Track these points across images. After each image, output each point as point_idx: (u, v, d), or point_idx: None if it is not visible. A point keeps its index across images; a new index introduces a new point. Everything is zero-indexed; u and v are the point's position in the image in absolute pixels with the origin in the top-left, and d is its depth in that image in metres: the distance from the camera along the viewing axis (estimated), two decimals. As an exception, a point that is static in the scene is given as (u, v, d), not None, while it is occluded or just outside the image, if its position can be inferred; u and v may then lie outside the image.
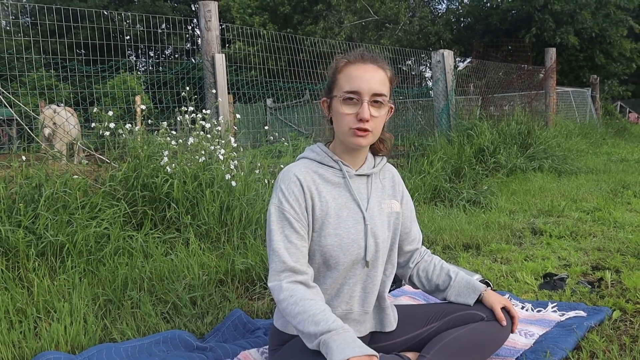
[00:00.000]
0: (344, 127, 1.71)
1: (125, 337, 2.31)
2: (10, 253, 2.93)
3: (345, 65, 1.73)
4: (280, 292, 1.62)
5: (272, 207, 1.71)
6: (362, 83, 1.68)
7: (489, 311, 1.85)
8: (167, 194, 3.60)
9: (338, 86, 1.73)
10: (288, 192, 1.71)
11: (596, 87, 15.60)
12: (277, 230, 1.68)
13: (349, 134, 1.71)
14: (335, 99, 1.73)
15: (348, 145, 1.76)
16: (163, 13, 26.77)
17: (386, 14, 20.94)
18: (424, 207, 4.85)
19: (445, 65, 7.42)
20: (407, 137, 7.27)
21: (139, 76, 8.65)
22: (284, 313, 1.60)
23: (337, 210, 1.74)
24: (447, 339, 1.78)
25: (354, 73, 1.70)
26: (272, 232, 1.69)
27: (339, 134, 1.76)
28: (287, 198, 1.70)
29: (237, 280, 2.98)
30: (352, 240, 1.74)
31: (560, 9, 17.55)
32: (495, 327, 1.83)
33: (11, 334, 2.25)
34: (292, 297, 1.59)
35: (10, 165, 3.50)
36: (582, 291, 2.73)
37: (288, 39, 6.39)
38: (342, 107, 1.70)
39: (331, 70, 1.77)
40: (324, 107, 1.81)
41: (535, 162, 7.10)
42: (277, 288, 1.63)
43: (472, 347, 1.79)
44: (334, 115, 1.76)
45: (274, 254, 1.66)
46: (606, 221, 4.18)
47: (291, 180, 1.72)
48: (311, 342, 1.54)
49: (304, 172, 1.75)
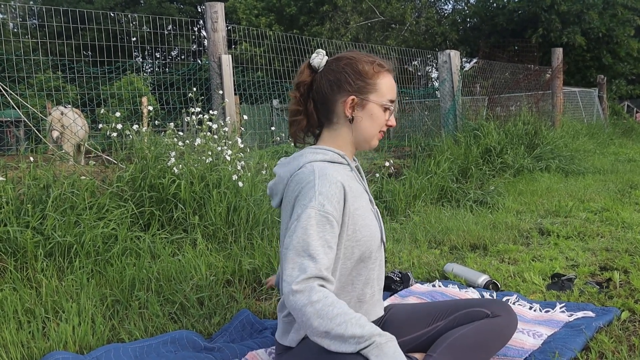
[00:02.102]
0: (374, 130, 1.81)
1: (133, 338, 2.32)
2: (18, 254, 2.94)
3: (385, 72, 1.81)
4: (313, 292, 1.50)
5: (312, 211, 1.60)
6: (395, 93, 1.83)
7: (494, 308, 1.85)
8: (174, 194, 3.61)
9: (379, 92, 1.79)
10: (331, 195, 1.64)
11: (603, 87, 15.54)
12: (317, 235, 1.59)
13: (375, 137, 1.83)
14: (373, 103, 1.79)
15: (367, 147, 1.86)
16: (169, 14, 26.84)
17: (392, 14, 20.94)
18: (431, 208, 4.84)
19: (451, 66, 7.41)
20: (414, 138, 7.27)
21: (146, 77, 8.68)
22: (317, 314, 1.48)
23: (361, 202, 1.77)
24: (453, 337, 1.78)
25: (392, 83, 1.83)
26: (310, 236, 1.57)
27: (363, 135, 1.82)
28: (331, 200, 1.63)
29: (244, 280, 2.98)
30: (374, 225, 1.81)
31: (567, 9, 17.50)
32: (500, 324, 1.83)
33: (20, 334, 2.25)
34: (327, 298, 1.50)
35: (19, 166, 3.52)
36: (590, 292, 2.71)
37: (294, 39, 6.39)
38: (383, 112, 1.81)
39: (365, 72, 1.78)
40: (347, 104, 1.78)
41: (542, 162, 7.08)
42: (309, 289, 1.51)
43: (478, 344, 1.79)
44: (365, 117, 1.79)
45: (310, 259, 1.55)
46: (614, 221, 4.16)
47: (332, 182, 1.65)
48: (352, 343, 1.47)
49: (333, 172, 1.70)
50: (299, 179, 1.68)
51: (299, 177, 1.69)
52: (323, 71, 1.82)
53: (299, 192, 1.66)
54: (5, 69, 4.46)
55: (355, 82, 1.77)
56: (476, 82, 8.89)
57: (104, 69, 5.43)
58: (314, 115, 1.84)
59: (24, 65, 4.55)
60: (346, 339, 1.46)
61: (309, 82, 1.84)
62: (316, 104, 1.83)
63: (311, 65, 1.83)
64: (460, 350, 1.76)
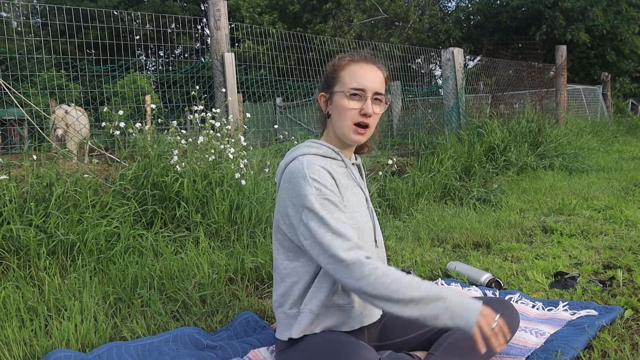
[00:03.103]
0: (347, 121, 1.81)
1: (135, 336, 2.32)
2: (21, 252, 2.95)
3: (349, 63, 1.83)
4: (362, 266, 1.56)
5: (312, 198, 1.66)
6: (366, 81, 1.79)
7: (496, 306, 1.84)
8: (177, 192, 3.61)
9: (342, 82, 1.81)
10: (323, 180, 1.70)
11: (607, 85, 15.49)
12: (328, 216, 1.65)
13: (349, 130, 1.81)
14: (338, 94, 1.81)
15: (346, 140, 1.85)
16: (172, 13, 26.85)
17: (395, 12, 20.90)
18: (434, 206, 4.84)
19: (455, 64, 7.39)
20: (417, 136, 7.25)
21: (149, 75, 8.69)
22: (373, 286, 1.53)
23: (350, 196, 1.82)
24: (454, 335, 1.78)
25: (359, 72, 1.80)
26: (322, 219, 1.64)
27: (338, 129, 1.84)
28: (325, 184, 1.70)
29: (246, 278, 2.98)
30: (364, 222, 1.84)
31: (570, 6, 17.44)
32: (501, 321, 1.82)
33: (22, 332, 2.26)
34: (377, 269, 1.55)
35: (22, 165, 3.52)
36: (593, 290, 2.71)
37: (297, 37, 6.38)
38: (348, 102, 1.79)
39: (331, 67, 1.86)
40: (321, 102, 1.87)
41: (545, 160, 7.06)
42: (359, 263, 1.56)
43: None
44: (334, 110, 1.84)
45: (334, 236, 1.62)
46: (618, 219, 4.15)
47: (319, 170, 1.71)
48: (412, 306, 1.52)
49: (322, 163, 1.75)
50: (291, 170, 1.74)
51: (291, 168, 1.75)
52: None
53: (294, 184, 1.71)
54: (9, 68, 4.46)
55: (325, 79, 1.87)
56: (480, 79, 8.87)
57: (107, 67, 5.43)
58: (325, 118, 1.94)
59: (27, 64, 4.55)
60: (407, 302, 1.52)
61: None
62: None
63: None
64: (461, 349, 1.76)
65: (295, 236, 1.75)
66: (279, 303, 1.84)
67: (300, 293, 1.77)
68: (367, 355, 1.54)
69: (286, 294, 1.80)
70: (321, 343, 1.68)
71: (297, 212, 1.70)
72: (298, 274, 1.78)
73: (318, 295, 1.75)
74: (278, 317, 1.85)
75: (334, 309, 1.77)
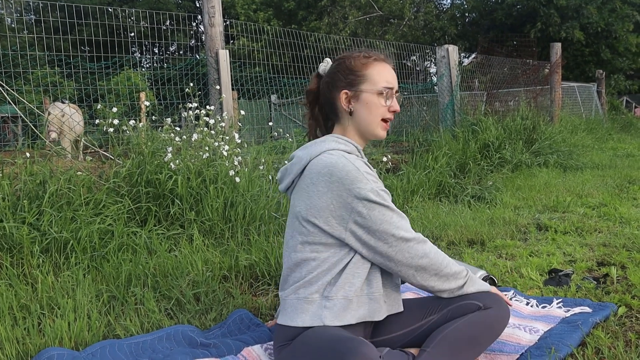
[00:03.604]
0: (376, 118, 1.90)
1: (129, 334, 2.31)
2: (14, 249, 2.93)
3: (373, 62, 1.91)
4: (425, 243, 1.80)
5: (370, 190, 1.74)
6: (392, 80, 1.93)
7: (486, 300, 1.85)
8: (171, 190, 3.60)
9: (370, 80, 1.89)
10: (374, 173, 1.82)
11: (602, 82, 15.54)
12: (388, 203, 1.78)
13: (378, 126, 1.92)
14: (367, 92, 1.88)
15: (371, 136, 1.94)
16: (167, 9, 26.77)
17: (391, 9, 20.89)
18: (429, 203, 4.84)
19: (449, 61, 7.39)
20: (412, 133, 7.25)
21: (143, 73, 8.66)
22: (432, 262, 1.78)
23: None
24: (446, 331, 1.79)
25: (384, 71, 1.91)
26: (387, 207, 1.77)
27: (366, 125, 1.91)
28: (376, 178, 1.82)
29: (241, 276, 2.97)
30: None
31: (565, 4, 17.47)
32: (491, 316, 1.84)
33: (15, 330, 2.25)
34: (433, 247, 1.82)
35: (15, 162, 3.51)
36: (587, 287, 2.71)
37: (292, 34, 6.38)
38: (379, 99, 1.89)
39: (354, 66, 1.90)
40: (342, 99, 1.90)
41: (540, 157, 7.07)
42: (422, 241, 1.80)
43: (470, 337, 1.80)
44: (361, 108, 1.90)
45: (400, 218, 1.80)
46: (612, 217, 4.16)
47: (366, 165, 1.82)
48: (456, 278, 1.84)
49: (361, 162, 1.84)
50: (331, 164, 1.76)
51: (329, 162, 1.77)
52: (324, 75, 1.98)
53: (341, 177, 1.75)
54: (2, 64, 4.43)
55: (346, 78, 1.90)
56: (474, 77, 8.88)
57: (101, 64, 5.41)
58: (320, 118, 2.01)
59: (20, 61, 4.53)
60: (450, 276, 1.82)
61: (315, 89, 2.00)
62: (322, 107, 1.99)
63: (319, 74, 2.00)
64: (453, 344, 1.77)
65: (335, 227, 1.77)
66: (293, 289, 1.82)
67: (329, 281, 1.78)
68: (367, 351, 1.54)
69: (310, 281, 1.79)
70: (322, 338, 1.68)
71: (345, 204, 1.74)
72: (327, 263, 1.79)
73: (353, 282, 1.78)
74: (288, 302, 1.83)
75: (364, 298, 1.81)
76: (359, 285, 1.79)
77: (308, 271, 1.80)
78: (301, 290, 1.80)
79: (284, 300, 1.85)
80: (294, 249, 1.84)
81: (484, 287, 1.88)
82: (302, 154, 1.87)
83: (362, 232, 1.76)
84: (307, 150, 1.86)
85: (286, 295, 1.84)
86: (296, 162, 1.88)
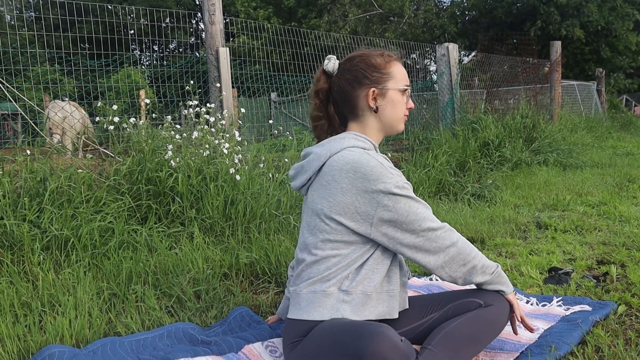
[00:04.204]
0: (398, 114, 1.95)
1: (130, 331, 2.32)
2: (15, 247, 2.94)
3: (394, 61, 1.96)
4: (453, 232, 1.82)
5: (395, 185, 1.75)
6: (407, 78, 2.00)
7: (487, 297, 1.87)
8: (172, 187, 3.60)
9: (394, 79, 1.93)
10: (398, 171, 1.82)
11: (602, 81, 15.54)
12: (413, 195, 1.80)
13: (400, 121, 1.97)
14: (392, 90, 1.92)
15: (395, 131, 2.00)
16: (167, 7, 26.75)
17: (391, 7, 20.88)
18: (429, 201, 4.84)
19: (449, 59, 7.39)
20: (412, 131, 7.26)
21: (143, 70, 8.65)
22: (459, 251, 1.79)
23: None
24: (447, 328, 1.80)
25: (402, 70, 1.97)
26: (412, 198, 1.78)
27: (391, 121, 1.95)
28: (400, 173, 1.82)
29: (241, 274, 2.98)
30: None
31: (565, 2, 17.45)
32: (493, 313, 1.85)
33: (16, 327, 2.25)
34: (461, 237, 1.83)
35: (15, 160, 3.51)
36: (587, 285, 2.72)
37: (292, 32, 6.37)
38: (402, 97, 1.95)
39: (379, 64, 1.92)
40: (370, 97, 1.91)
41: (540, 155, 7.08)
42: (450, 230, 1.82)
43: (472, 334, 1.80)
44: (388, 105, 1.93)
45: (426, 208, 1.81)
46: (611, 215, 4.16)
47: (385, 162, 1.82)
48: (484, 272, 1.84)
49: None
50: (354, 160, 1.77)
51: (351, 158, 1.78)
52: (339, 73, 1.94)
53: (366, 173, 1.75)
54: (2, 61, 4.43)
55: (372, 75, 1.90)
56: (474, 75, 8.88)
57: (101, 61, 5.41)
58: (335, 117, 1.98)
59: (20, 58, 4.53)
60: (477, 268, 1.82)
61: (326, 87, 1.97)
62: (337, 105, 1.97)
63: (326, 72, 1.96)
64: (455, 341, 1.77)
65: (361, 223, 1.77)
66: (311, 282, 1.81)
67: (346, 275, 1.78)
68: (391, 334, 1.56)
69: (328, 277, 1.79)
70: (341, 325, 1.68)
71: (371, 199, 1.75)
72: (347, 259, 1.79)
73: (372, 277, 1.79)
74: (304, 296, 1.80)
75: (384, 295, 1.82)
76: (379, 282, 1.80)
77: (327, 267, 1.79)
78: (318, 284, 1.79)
79: (298, 295, 1.83)
80: (314, 246, 1.83)
81: (506, 289, 1.90)
82: (320, 151, 1.85)
83: (389, 225, 1.76)
84: (326, 147, 1.85)
85: (300, 289, 1.83)
86: (314, 158, 1.86)
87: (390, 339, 1.54)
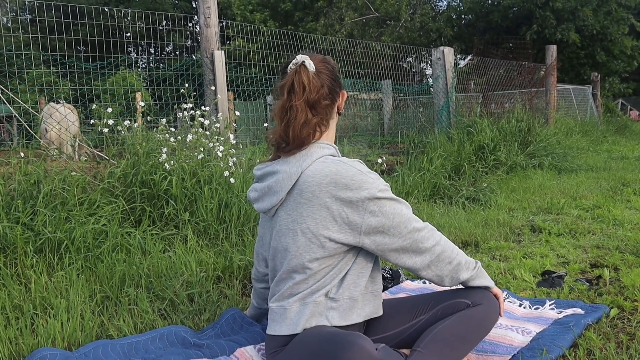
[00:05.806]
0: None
1: (122, 334, 2.31)
2: (8, 249, 2.93)
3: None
4: (434, 231, 1.84)
5: (377, 189, 1.73)
6: None
7: (475, 297, 1.87)
8: (166, 190, 3.60)
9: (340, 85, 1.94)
10: (373, 175, 1.79)
11: (597, 85, 15.57)
12: (394, 197, 1.79)
13: None
14: (343, 95, 1.95)
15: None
16: (164, 10, 26.74)
17: (387, 10, 20.92)
18: (423, 205, 4.84)
19: (445, 63, 7.40)
20: (407, 134, 7.27)
21: (139, 73, 8.65)
22: (443, 248, 1.82)
23: None
24: (436, 330, 1.80)
25: None
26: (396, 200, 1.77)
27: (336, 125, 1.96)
28: (379, 178, 1.80)
29: (234, 277, 2.98)
30: None
31: (561, 6, 17.53)
32: (481, 312, 1.85)
33: (8, 330, 2.25)
34: (442, 237, 1.85)
35: (9, 162, 3.50)
36: (580, 289, 2.72)
37: (289, 36, 6.38)
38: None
39: (336, 69, 1.91)
40: (341, 101, 1.94)
41: (535, 159, 7.09)
42: (432, 229, 1.84)
43: (461, 334, 1.81)
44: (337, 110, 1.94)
45: (409, 209, 1.81)
46: (605, 219, 4.17)
47: (362, 167, 1.79)
48: (467, 268, 1.87)
49: None
50: (328, 172, 1.73)
51: (324, 170, 1.73)
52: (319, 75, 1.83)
53: (347, 183, 1.71)
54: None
55: (338, 81, 1.91)
56: (470, 79, 8.90)
57: (97, 64, 5.40)
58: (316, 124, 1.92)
59: (15, 60, 4.52)
60: (462, 265, 1.86)
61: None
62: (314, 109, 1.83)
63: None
64: (443, 342, 1.78)
65: (349, 234, 1.73)
66: (307, 293, 1.78)
67: (334, 284, 1.78)
68: (364, 344, 1.55)
69: (317, 288, 1.77)
70: (319, 334, 1.68)
71: (357, 208, 1.72)
72: (333, 269, 1.78)
73: (358, 282, 1.80)
74: (295, 310, 1.78)
75: (369, 296, 1.83)
76: (364, 284, 1.81)
77: (316, 280, 1.77)
78: (308, 297, 1.77)
79: (285, 310, 1.79)
80: (302, 266, 1.77)
81: (489, 283, 1.93)
82: (289, 169, 1.76)
83: (377, 231, 1.74)
84: (294, 164, 1.76)
85: (289, 304, 1.79)
86: (284, 177, 1.77)
87: (364, 348, 1.53)
